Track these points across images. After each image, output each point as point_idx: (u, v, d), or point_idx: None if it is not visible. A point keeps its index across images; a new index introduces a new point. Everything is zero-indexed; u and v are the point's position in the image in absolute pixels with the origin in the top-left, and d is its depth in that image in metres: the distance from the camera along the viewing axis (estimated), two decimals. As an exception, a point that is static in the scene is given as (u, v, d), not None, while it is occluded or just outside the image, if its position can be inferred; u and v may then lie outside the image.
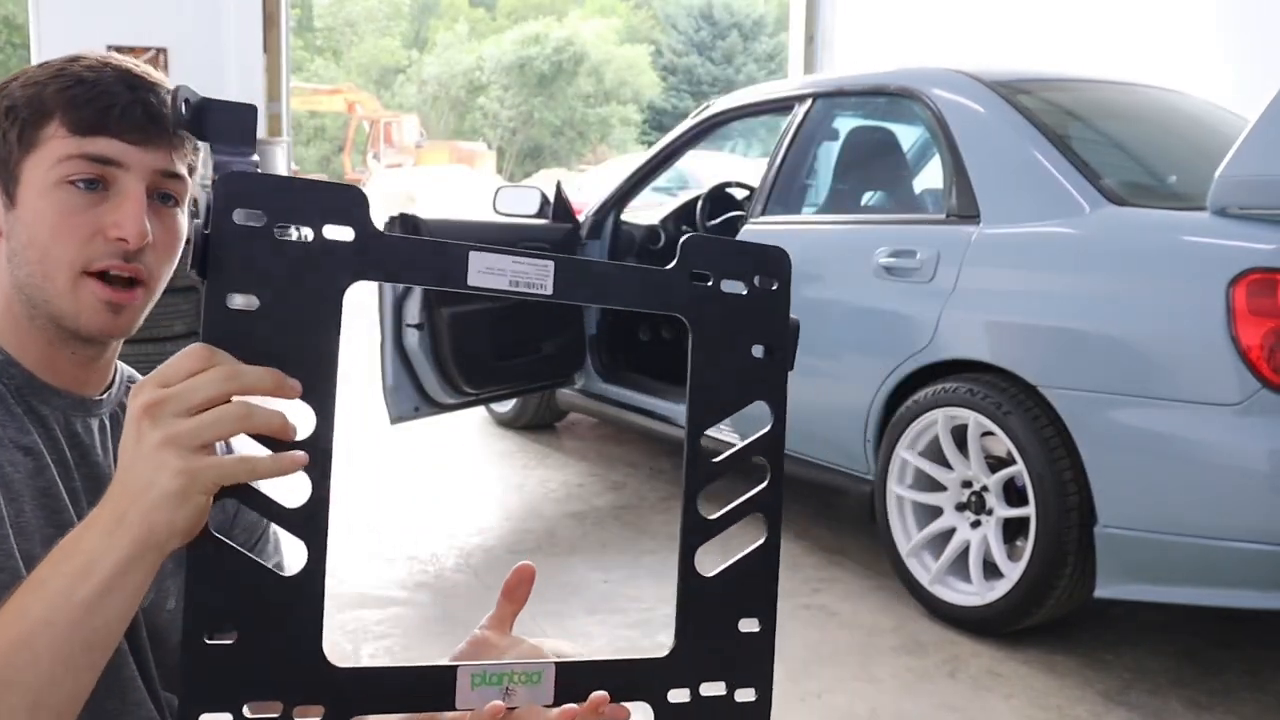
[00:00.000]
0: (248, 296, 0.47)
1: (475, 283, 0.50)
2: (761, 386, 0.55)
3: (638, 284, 0.53)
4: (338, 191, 0.49)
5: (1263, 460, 1.58)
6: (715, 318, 0.54)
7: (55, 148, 0.63)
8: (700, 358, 0.54)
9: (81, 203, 0.63)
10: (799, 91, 2.55)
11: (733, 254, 0.55)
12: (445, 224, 2.60)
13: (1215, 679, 1.75)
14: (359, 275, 0.49)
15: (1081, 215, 1.84)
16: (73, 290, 0.63)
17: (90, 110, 0.63)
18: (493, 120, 23.16)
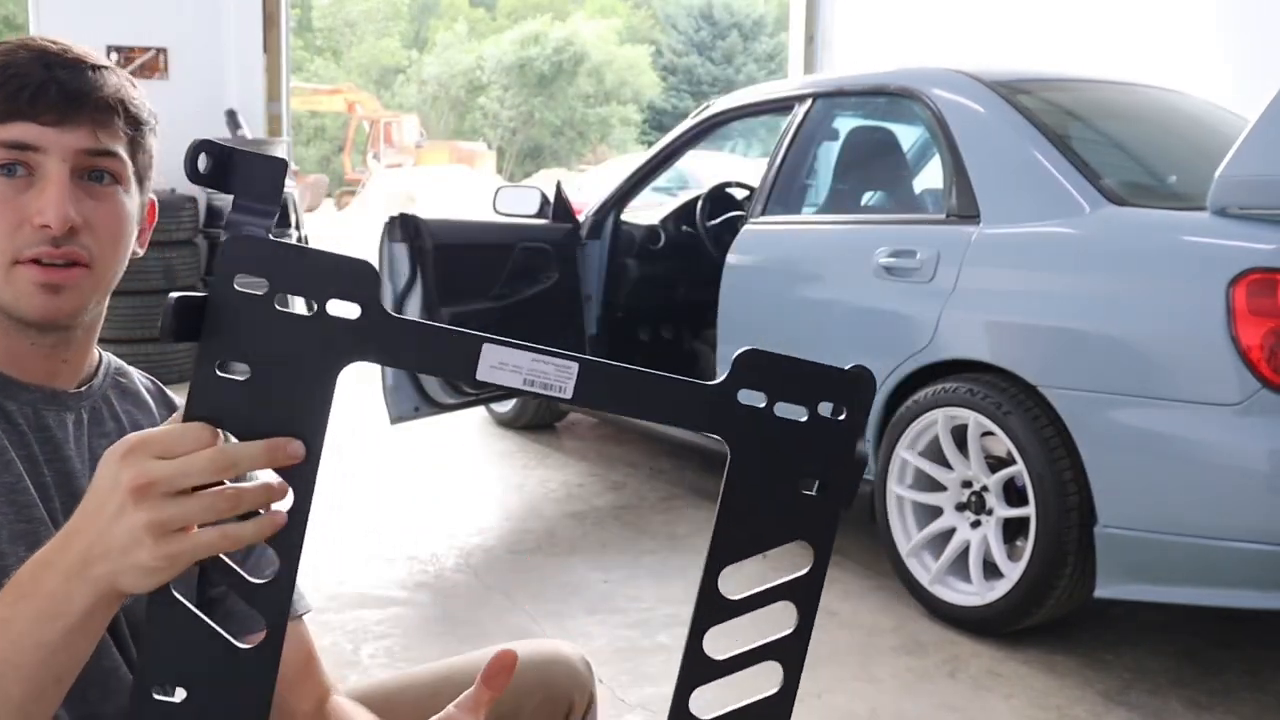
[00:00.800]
0: (240, 366, 0.45)
1: (485, 378, 0.47)
2: (806, 525, 0.49)
3: (675, 397, 0.48)
4: (348, 265, 0.46)
5: (1263, 460, 1.58)
6: (762, 445, 0.48)
7: None
8: (736, 485, 0.48)
9: (5, 192, 0.62)
10: (799, 91, 2.55)
11: (795, 375, 0.48)
12: (446, 224, 2.60)
13: (1215, 679, 1.75)
14: (359, 356, 0.46)
15: (1081, 215, 1.84)
16: (7, 279, 0.62)
17: (9, 97, 0.61)
18: (493, 120, 23.16)
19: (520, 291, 2.68)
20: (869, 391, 0.49)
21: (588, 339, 2.88)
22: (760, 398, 0.48)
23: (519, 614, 1.95)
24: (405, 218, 2.53)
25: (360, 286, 0.46)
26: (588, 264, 2.91)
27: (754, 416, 0.48)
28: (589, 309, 2.90)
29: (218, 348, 0.45)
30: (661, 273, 3.08)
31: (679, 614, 1.99)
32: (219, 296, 0.45)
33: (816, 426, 0.48)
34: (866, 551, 2.28)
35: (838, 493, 0.49)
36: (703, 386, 0.48)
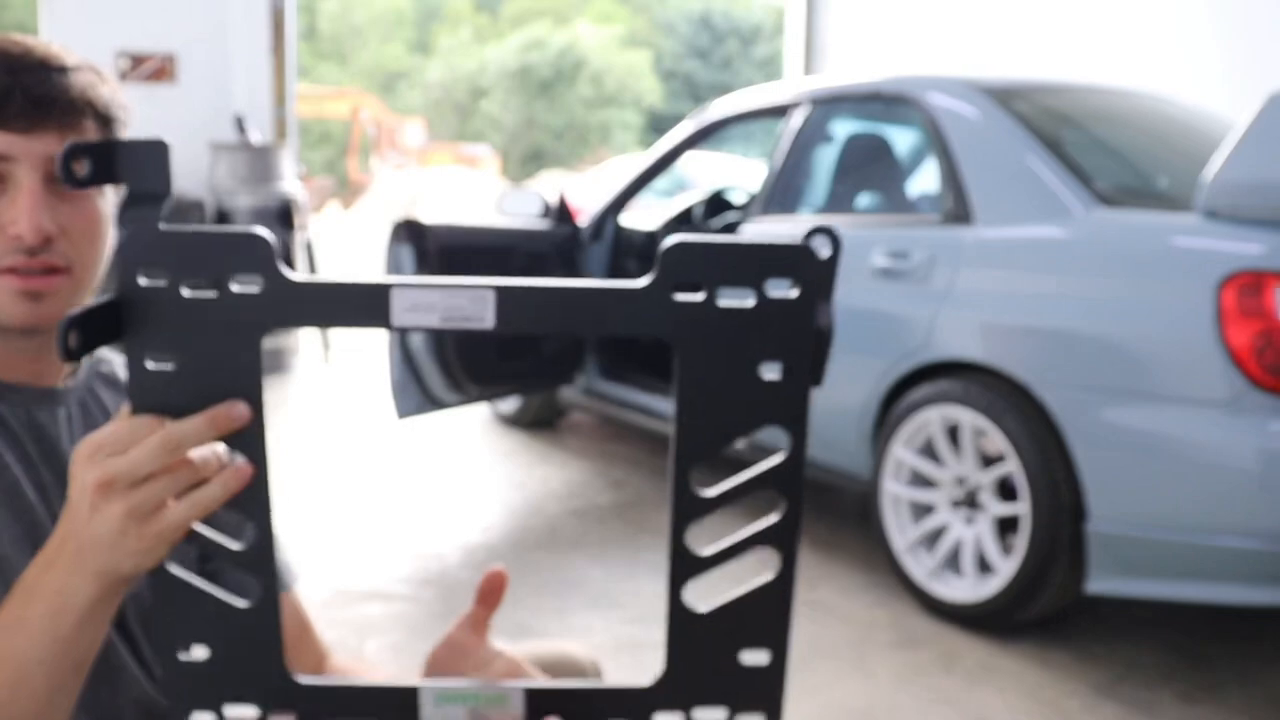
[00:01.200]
0: (165, 357, 0.47)
1: (402, 322, 0.46)
2: (774, 410, 0.46)
3: (604, 306, 0.45)
4: (240, 241, 0.46)
5: (1250, 458, 1.60)
6: (709, 338, 0.45)
7: None
8: (690, 383, 0.45)
9: None
10: (796, 96, 2.58)
11: (731, 258, 0.44)
12: (449, 228, 2.64)
13: (1205, 672, 1.78)
14: (273, 324, 0.47)
15: (1073, 217, 1.87)
16: None
17: None
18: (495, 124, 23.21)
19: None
20: (818, 261, 0.45)
21: (588, 339, 2.91)
22: (698, 291, 0.45)
23: (521, 610, 1.98)
24: (410, 223, 2.57)
25: (257, 258, 0.46)
26: (589, 265, 2.94)
27: (694, 310, 0.45)
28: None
29: (140, 344, 0.46)
30: None
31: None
32: (128, 294, 0.46)
33: (766, 309, 0.45)
34: (862, 548, 2.31)
35: (802, 372, 0.47)
36: (632, 290, 0.45)
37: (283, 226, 4.12)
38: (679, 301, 0.45)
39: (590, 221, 2.97)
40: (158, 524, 0.48)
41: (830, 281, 0.46)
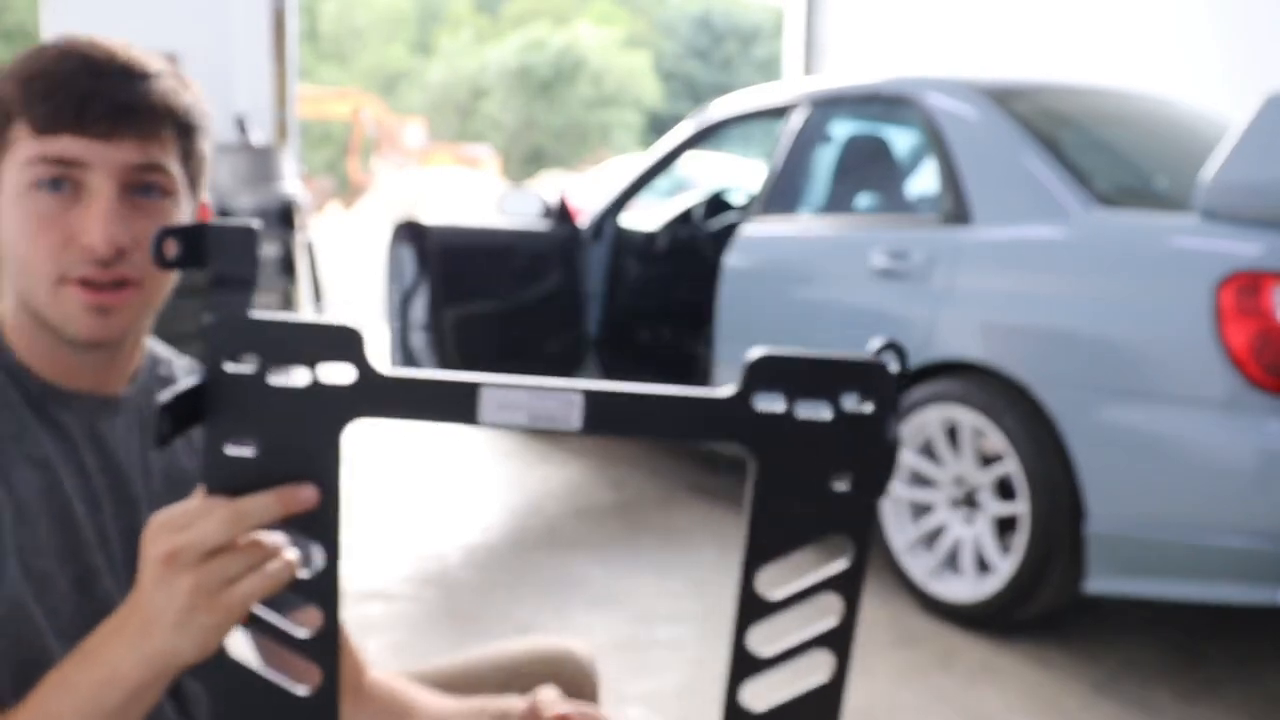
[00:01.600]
0: (245, 442, 0.47)
1: (489, 420, 0.46)
2: (842, 519, 0.47)
3: (688, 413, 0.46)
4: (333, 332, 0.46)
5: (1249, 458, 1.61)
6: (786, 449, 0.46)
7: (21, 149, 0.59)
8: (764, 491, 0.47)
9: (51, 208, 0.59)
10: (796, 97, 2.58)
11: (813, 371, 0.46)
12: (450, 228, 2.64)
13: (1203, 671, 1.78)
14: (358, 415, 0.47)
15: (1072, 218, 1.87)
16: (54, 299, 0.60)
17: (48, 107, 0.58)
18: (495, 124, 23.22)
19: (523, 293, 2.73)
20: (891, 378, 0.46)
21: (589, 340, 2.92)
22: (779, 400, 0.46)
23: (521, 609, 1.99)
24: (411, 223, 2.57)
25: (348, 349, 0.46)
26: (589, 266, 2.94)
27: (774, 422, 0.46)
28: (590, 310, 2.94)
29: (221, 430, 0.46)
30: (661, 275, 3.12)
31: (678, 608, 2.02)
32: (214, 380, 0.46)
33: (842, 422, 0.46)
34: (863, 549, 2.31)
35: (871, 484, 0.47)
36: (717, 399, 0.46)
37: (283, 227, 4.12)
38: (761, 412, 0.46)
39: (590, 222, 2.98)
40: (226, 597, 0.47)
41: (898, 397, 0.47)
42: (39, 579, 0.60)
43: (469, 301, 2.59)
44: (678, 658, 1.81)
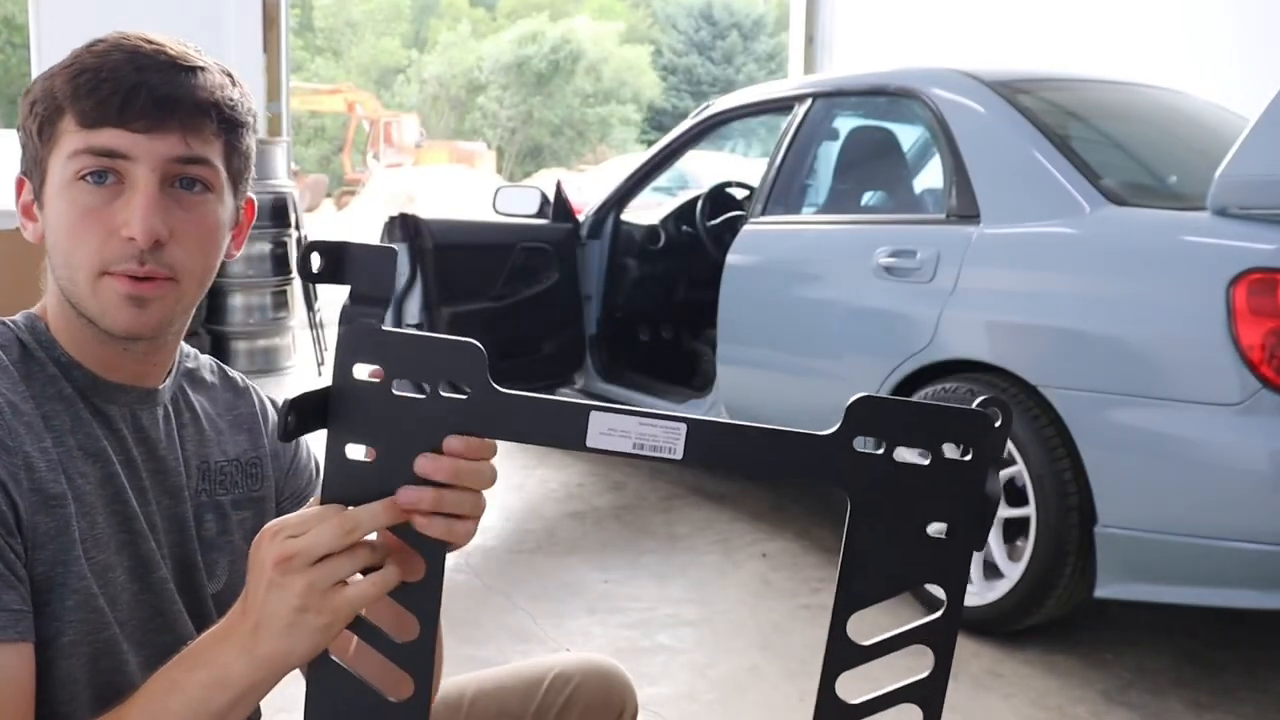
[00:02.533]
0: (364, 448, 0.50)
1: (595, 445, 0.49)
2: (935, 568, 0.48)
3: (788, 450, 0.48)
4: (456, 349, 0.49)
5: (1263, 460, 1.58)
6: (884, 492, 0.48)
7: (67, 142, 0.61)
8: (860, 532, 0.48)
9: (94, 200, 0.61)
10: (799, 91, 2.55)
11: (913, 418, 0.48)
12: (445, 224, 2.60)
13: (1215, 679, 1.75)
14: (469, 429, 0.50)
15: (1082, 215, 1.84)
16: (94, 291, 0.61)
17: (93, 100, 0.60)
18: (492, 120, 23.16)
19: (520, 291, 2.68)
20: (995, 430, 0.47)
21: (588, 339, 2.88)
22: (876, 443, 0.48)
23: (519, 614, 1.95)
24: (405, 217, 2.53)
25: (469, 367, 0.49)
26: (588, 264, 2.90)
27: (872, 464, 0.47)
28: (589, 309, 2.90)
29: (343, 433, 0.49)
30: (661, 273, 3.08)
31: (679, 614, 1.98)
32: (341, 386, 0.49)
33: (940, 469, 0.48)
34: (867, 551, 2.28)
35: (968, 535, 0.48)
36: (816, 437, 0.47)
37: (277, 224, 4.08)
38: (860, 453, 0.48)
39: (590, 218, 2.94)
40: (336, 598, 0.50)
41: (1001, 450, 0.49)
42: (100, 570, 0.62)
43: (465, 299, 2.55)
44: (679, 664, 1.77)
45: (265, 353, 4.19)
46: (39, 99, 0.62)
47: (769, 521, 2.50)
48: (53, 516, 0.60)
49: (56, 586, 0.60)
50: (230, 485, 0.72)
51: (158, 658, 0.65)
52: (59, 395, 0.63)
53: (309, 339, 4.28)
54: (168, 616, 0.66)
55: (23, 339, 0.64)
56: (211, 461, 0.71)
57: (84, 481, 0.62)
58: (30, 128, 0.63)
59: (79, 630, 0.61)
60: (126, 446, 0.65)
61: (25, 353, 0.63)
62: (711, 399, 2.55)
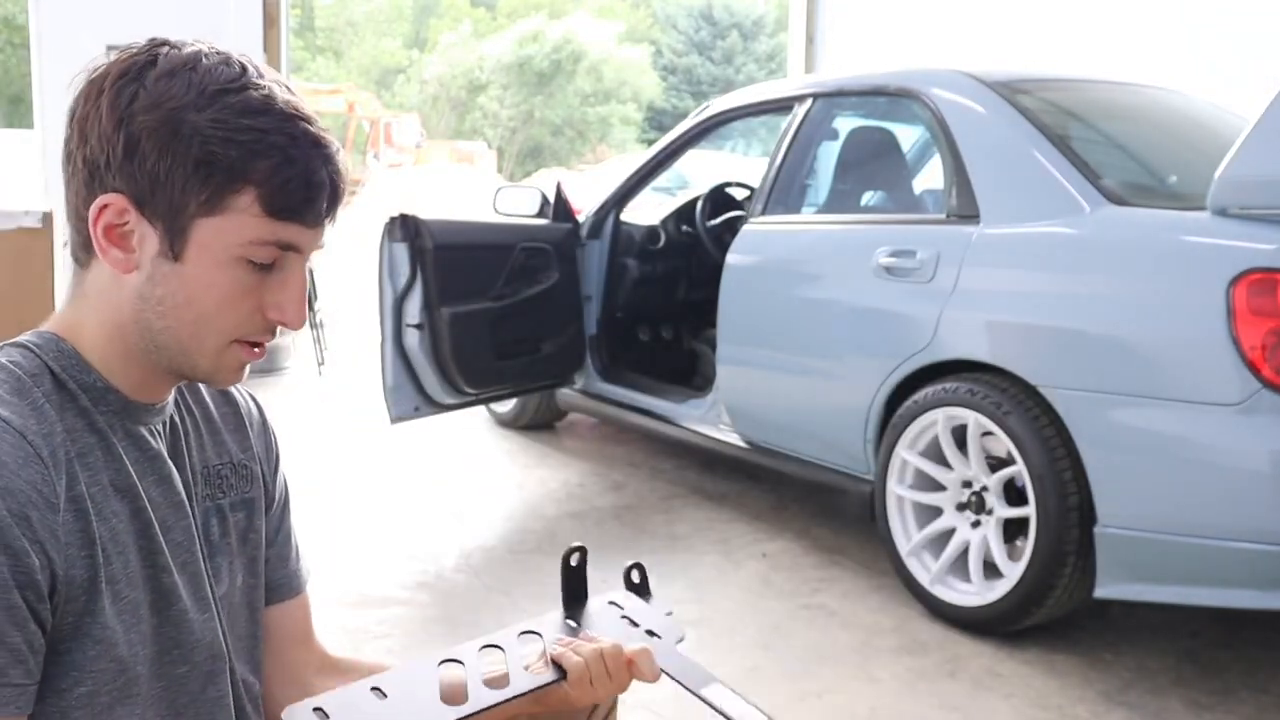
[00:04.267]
0: None
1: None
2: None
3: None
4: None
5: (1263, 460, 1.58)
6: None
7: (247, 225, 0.61)
8: None
9: (253, 281, 0.63)
10: (799, 91, 2.54)
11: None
12: (445, 224, 2.60)
13: (1215, 679, 1.75)
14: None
15: (1081, 215, 1.84)
16: (218, 353, 0.64)
17: (294, 199, 0.61)
18: (493, 120, 23.15)
19: (520, 291, 2.68)
20: None
21: (588, 339, 2.88)
22: None
23: (519, 614, 1.95)
24: (405, 217, 2.53)
25: None
26: (588, 264, 2.90)
27: None
28: (589, 309, 2.90)
29: None
30: (661, 273, 3.08)
31: (680, 614, 1.98)
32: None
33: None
34: (866, 551, 2.28)
35: None
36: None
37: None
38: None
39: (590, 218, 2.93)
40: None
41: None
42: (130, 608, 0.62)
43: (465, 299, 2.55)
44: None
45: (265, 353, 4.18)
46: (219, 160, 0.59)
47: (769, 521, 2.50)
48: (85, 567, 0.60)
49: (81, 636, 0.60)
50: (227, 488, 0.73)
51: (174, 690, 0.66)
52: (91, 428, 0.63)
53: (309, 339, 4.28)
54: (185, 647, 0.67)
55: (52, 367, 0.63)
56: (211, 465, 0.73)
57: (116, 520, 0.62)
58: (187, 178, 0.60)
59: (97, 680, 0.61)
60: (160, 464, 0.66)
61: (57, 383, 0.63)
62: (711, 399, 2.55)
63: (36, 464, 0.58)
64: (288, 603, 0.79)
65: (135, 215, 0.62)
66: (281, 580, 0.79)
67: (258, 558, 0.75)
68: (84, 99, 0.62)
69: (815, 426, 2.25)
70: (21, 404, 0.60)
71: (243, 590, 0.73)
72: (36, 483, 0.58)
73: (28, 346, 0.64)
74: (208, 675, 0.68)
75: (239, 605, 0.73)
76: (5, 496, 0.56)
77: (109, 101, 0.61)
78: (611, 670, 0.72)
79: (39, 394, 0.61)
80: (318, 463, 2.89)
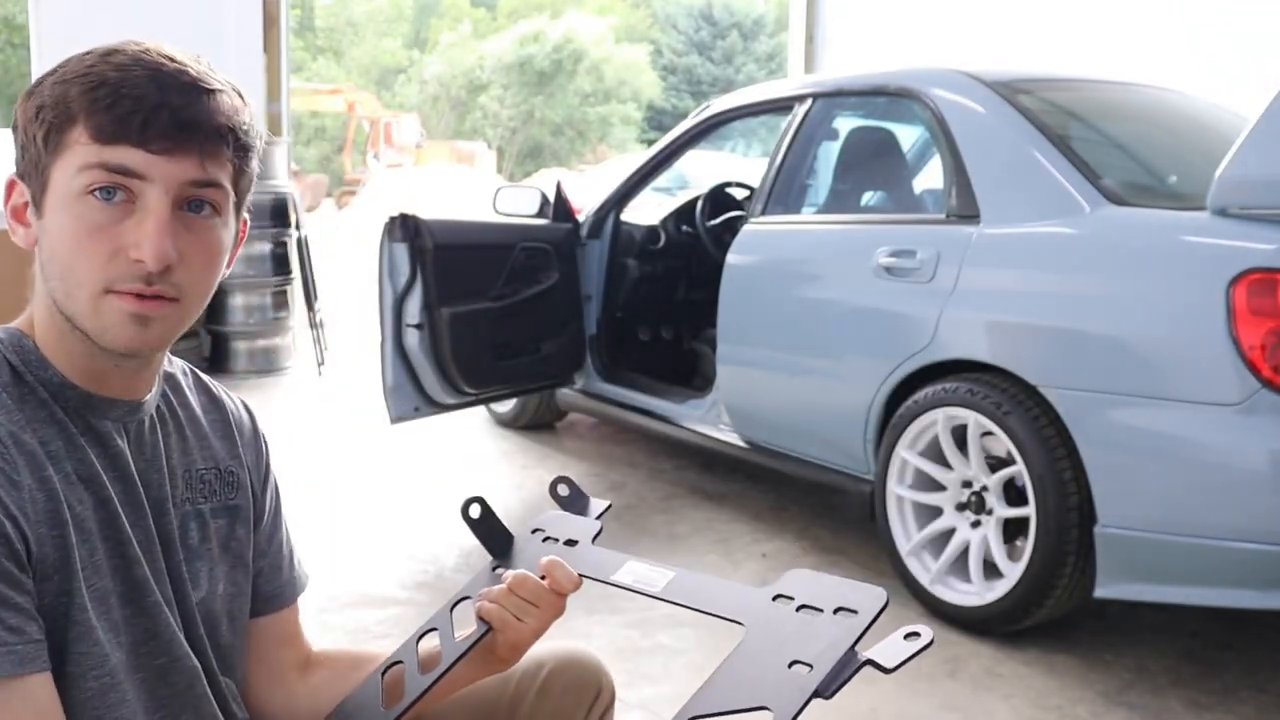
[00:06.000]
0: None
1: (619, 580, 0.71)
2: (777, 694, 0.57)
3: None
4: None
5: (1263, 460, 1.58)
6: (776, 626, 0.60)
7: (77, 154, 0.60)
8: (741, 654, 0.59)
9: (103, 217, 0.60)
10: (799, 91, 2.54)
11: (818, 588, 0.63)
12: (445, 223, 2.60)
13: (1215, 679, 1.75)
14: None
15: (1081, 215, 1.84)
16: (95, 308, 0.61)
17: (111, 116, 0.58)
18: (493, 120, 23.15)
19: (520, 291, 2.68)
20: (879, 608, 0.60)
21: (588, 339, 2.88)
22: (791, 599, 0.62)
23: (519, 614, 1.95)
24: (405, 217, 2.53)
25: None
26: (588, 264, 2.90)
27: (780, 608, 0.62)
28: (589, 309, 2.90)
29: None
30: (661, 273, 3.08)
31: (678, 614, 1.98)
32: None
33: (826, 622, 0.60)
34: (866, 551, 2.28)
35: (824, 683, 0.58)
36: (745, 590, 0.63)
37: (277, 224, 4.08)
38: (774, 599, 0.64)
39: (590, 218, 2.93)
40: None
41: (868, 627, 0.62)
42: (99, 596, 0.62)
43: (465, 299, 2.55)
44: (679, 664, 1.77)
45: (265, 353, 4.18)
46: (48, 104, 0.60)
47: (769, 521, 2.50)
48: (57, 548, 0.60)
49: (60, 618, 0.60)
50: (209, 493, 0.72)
51: (153, 681, 0.65)
52: (51, 419, 0.62)
53: (309, 339, 4.28)
54: (162, 639, 0.66)
55: (11, 361, 0.63)
56: (194, 469, 0.72)
57: (81, 508, 0.61)
58: (34, 132, 0.61)
59: (80, 664, 0.61)
60: (122, 463, 0.65)
61: (15, 376, 0.62)
62: (711, 399, 2.55)
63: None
64: (280, 612, 0.79)
65: (19, 186, 0.63)
66: (275, 591, 0.78)
67: (239, 566, 0.74)
68: None
69: (815, 426, 2.25)
70: None
71: (223, 598, 0.72)
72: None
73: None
74: (190, 671, 0.68)
75: (219, 613, 0.72)
76: None
77: (22, 96, 0.63)
78: (530, 598, 0.73)
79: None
80: (318, 463, 2.89)
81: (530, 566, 0.76)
